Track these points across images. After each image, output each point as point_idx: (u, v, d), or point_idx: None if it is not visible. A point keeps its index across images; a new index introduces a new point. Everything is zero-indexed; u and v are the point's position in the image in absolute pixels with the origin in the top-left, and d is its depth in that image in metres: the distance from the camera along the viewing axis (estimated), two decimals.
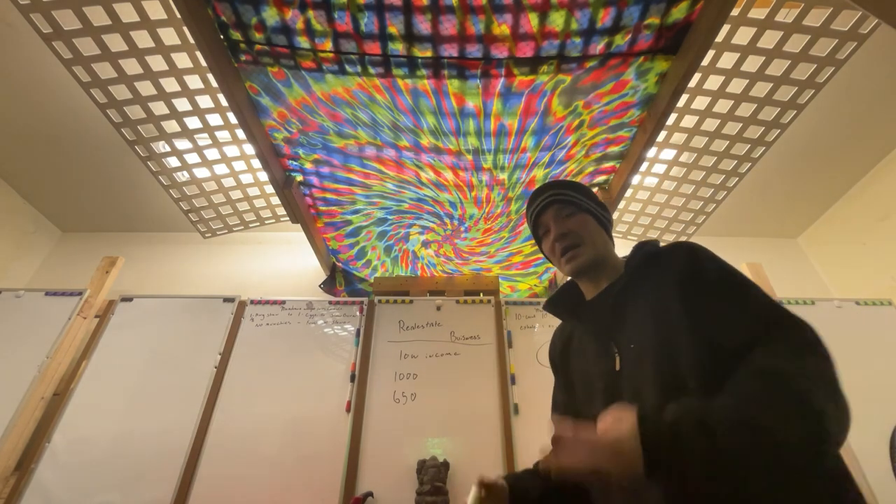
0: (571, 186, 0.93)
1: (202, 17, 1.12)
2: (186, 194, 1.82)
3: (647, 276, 0.77)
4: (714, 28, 1.10)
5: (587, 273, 0.86)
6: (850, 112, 2.08)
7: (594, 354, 0.80)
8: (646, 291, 0.76)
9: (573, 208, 0.89)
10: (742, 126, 1.54)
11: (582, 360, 0.84)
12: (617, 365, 0.74)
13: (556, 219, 0.88)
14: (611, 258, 0.87)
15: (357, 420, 1.69)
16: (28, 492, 1.53)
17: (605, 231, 0.90)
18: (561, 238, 0.86)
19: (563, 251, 0.86)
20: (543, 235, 0.92)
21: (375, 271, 2.26)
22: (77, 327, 1.88)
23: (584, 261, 0.84)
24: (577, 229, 0.86)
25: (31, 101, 1.98)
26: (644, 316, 0.73)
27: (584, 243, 0.85)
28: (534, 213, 0.93)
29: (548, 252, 0.92)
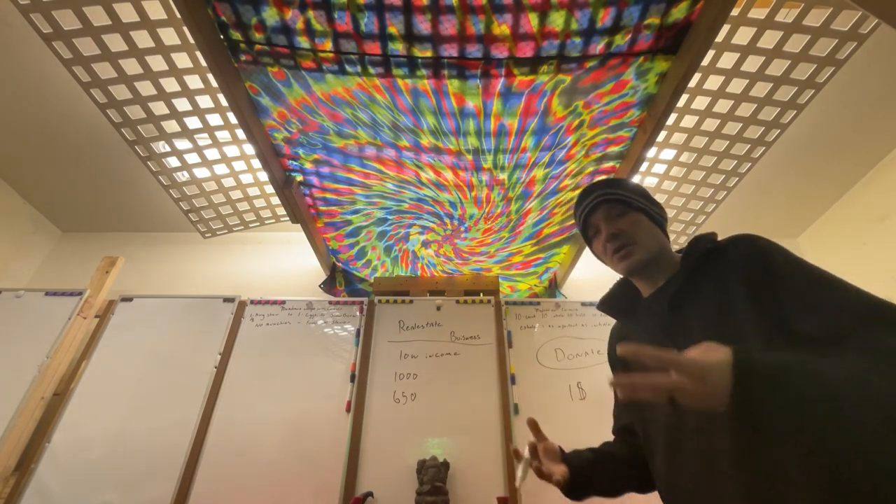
0: (621, 185, 0.90)
1: (202, 17, 1.12)
2: (186, 194, 1.82)
3: (706, 274, 0.74)
4: (714, 28, 1.10)
5: (641, 272, 0.84)
6: (850, 112, 2.08)
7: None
8: (707, 290, 0.72)
9: (623, 207, 0.86)
10: (742, 126, 1.54)
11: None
12: None
13: (606, 219, 0.86)
14: (666, 255, 0.84)
15: (357, 420, 1.69)
16: (28, 492, 1.53)
17: (659, 228, 0.87)
18: (612, 238, 0.84)
19: (614, 251, 0.84)
20: (594, 236, 0.90)
21: (375, 271, 2.26)
22: (77, 327, 1.88)
23: (636, 259, 0.82)
24: (629, 229, 0.83)
25: (31, 101, 1.98)
26: (707, 313, 0.70)
27: (636, 242, 0.82)
28: (582, 213, 0.90)
29: (599, 252, 0.90)
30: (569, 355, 1.86)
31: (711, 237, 0.79)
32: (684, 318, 0.73)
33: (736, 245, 0.74)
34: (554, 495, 0.77)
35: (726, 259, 0.73)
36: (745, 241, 0.74)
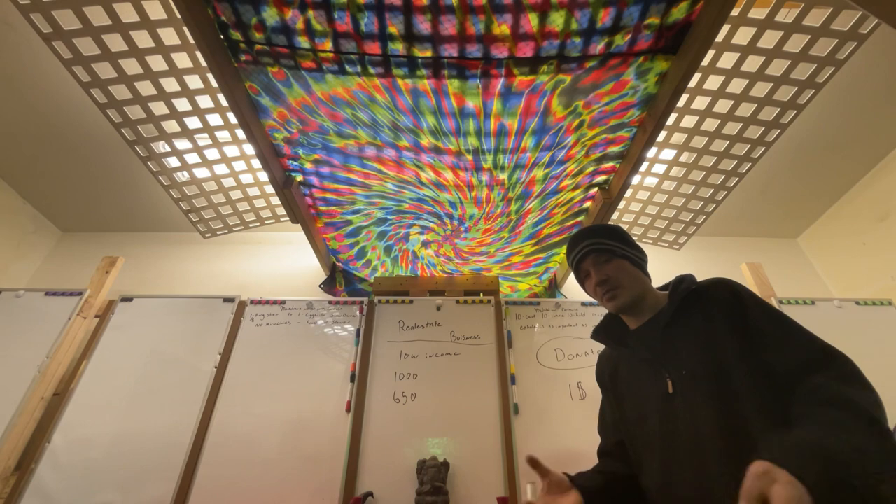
0: (606, 234, 1.03)
1: (202, 17, 1.12)
2: (186, 194, 1.82)
3: (691, 309, 0.88)
4: (714, 28, 1.10)
5: (628, 310, 0.98)
6: (850, 112, 2.08)
7: (646, 379, 0.90)
8: (693, 322, 0.86)
9: (609, 255, 0.99)
10: (742, 126, 1.54)
11: (633, 385, 0.94)
12: (669, 388, 0.83)
13: (595, 266, 1.00)
14: (649, 294, 0.98)
15: (357, 420, 1.69)
16: (28, 492, 1.53)
17: (640, 270, 1.01)
18: (602, 284, 0.98)
19: (603, 294, 0.98)
20: (585, 279, 1.04)
21: (375, 271, 2.26)
22: (77, 327, 1.88)
23: (623, 301, 0.96)
24: (614, 274, 0.97)
25: (31, 101, 1.98)
26: (694, 344, 0.84)
27: (621, 286, 0.96)
28: (574, 260, 1.05)
29: (591, 293, 1.04)
30: (569, 355, 1.86)
31: (692, 279, 0.94)
32: (673, 344, 0.87)
33: (716, 288, 0.89)
34: None
35: (707, 298, 0.88)
36: (724, 285, 0.89)
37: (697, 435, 0.76)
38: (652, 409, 0.86)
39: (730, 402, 0.75)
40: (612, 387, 1.02)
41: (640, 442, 0.88)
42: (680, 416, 0.80)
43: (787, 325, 0.81)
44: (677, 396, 0.81)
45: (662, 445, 0.82)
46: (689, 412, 0.78)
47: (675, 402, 0.81)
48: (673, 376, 0.84)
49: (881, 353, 1.92)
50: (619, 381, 1.00)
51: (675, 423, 0.80)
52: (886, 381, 1.85)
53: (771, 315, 0.83)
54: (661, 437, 0.82)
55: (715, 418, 0.74)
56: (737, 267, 2.27)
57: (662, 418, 0.83)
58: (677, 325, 0.88)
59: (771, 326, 0.81)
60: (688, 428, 0.78)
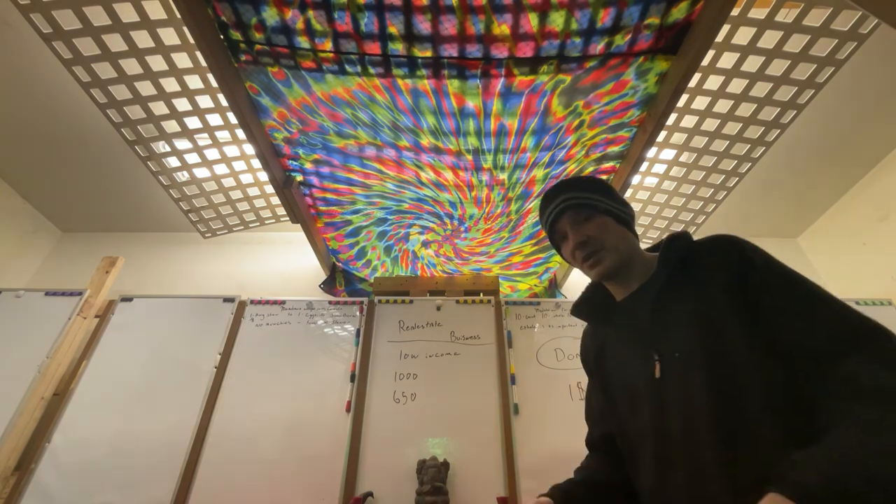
0: (585, 186, 0.86)
1: (202, 17, 1.12)
2: (186, 194, 1.82)
3: (685, 277, 0.71)
4: (714, 28, 1.10)
5: (614, 277, 0.81)
6: (850, 112, 2.08)
7: (632, 361, 0.76)
8: (687, 293, 0.70)
9: (589, 211, 0.82)
10: (742, 126, 1.54)
11: (619, 368, 0.80)
12: (657, 372, 0.69)
13: (572, 225, 0.82)
14: (637, 256, 0.82)
15: (357, 420, 1.69)
16: (28, 492, 1.53)
17: (627, 228, 0.84)
18: (581, 246, 0.80)
19: (584, 259, 0.81)
20: (561, 242, 0.87)
21: (375, 271, 2.26)
22: (77, 327, 1.88)
23: (607, 266, 0.79)
24: (597, 234, 0.80)
25: (31, 101, 1.98)
26: (688, 321, 0.68)
27: (605, 248, 0.79)
28: (548, 220, 0.86)
29: (568, 258, 0.87)
30: (569, 355, 1.86)
31: (688, 238, 0.76)
32: (663, 322, 0.71)
33: (717, 247, 0.72)
34: None
35: (706, 262, 0.71)
36: (727, 243, 0.72)
37: (690, 432, 0.63)
38: (641, 398, 0.72)
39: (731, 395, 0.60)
40: (598, 370, 0.86)
41: (633, 437, 0.75)
42: (670, 408, 0.66)
43: (809, 294, 0.63)
44: (668, 383, 0.67)
45: (655, 442, 0.69)
46: (681, 403, 0.65)
47: (666, 391, 0.67)
48: (663, 359, 0.69)
49: None
50: (605, 364, 0.84)
51: (665, 415, 0.67)
52: None
53: (788, 282, 0.65)
54: (653, 432, 0.69)
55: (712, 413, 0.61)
56: None
57: (652, 409, 0.69)
58: (669, 296, 0.72)
59: (788, 297, 0.63)
60: (679, 423, 0.65)
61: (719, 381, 0.62)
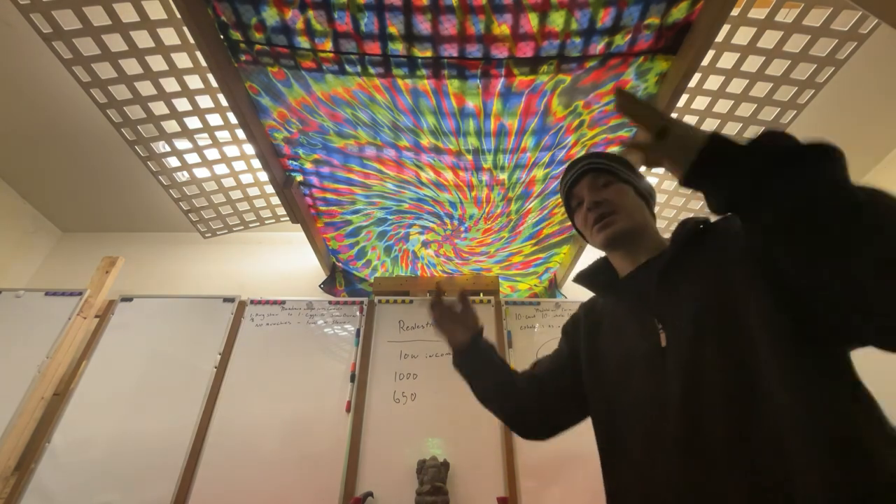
0: (608, 155, 0.84)
1: (202, 17, 1.12)
2: (186, 194, 1.82)
3: (699, 252, 0.67)
4: (714, 28, 1.10)
5: (622, 244, 0.76)
6: (850, 112, 2.08)
7: (633, 331, 0.70)
8: (699, 265, 0.66)
9: (610, 177, 0.79)
10: (742, 126, 1.54)
11: (615, 340, 0.74)
12: (662, 341, 0.64)
13: (590, 188, 0.80)
14: (650, 232, 0.78)
15: (357, 420, 1.69)
16: (28, 492, 1.53)
17: (646, 204, 0.80)
18: (594, 206, 0.77)
19: (595, 220, 0.77)
20: (576, 208, 0.83)
21: (375, 271, 2.26)
22: (77, 327, 1.88)
23: (618, 229, 0.75)
24: (613, 198, 0.77)
25: (31, 100, 1.98)
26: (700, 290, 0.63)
27: (618, 211, 0.75)
28: (567, 184, 0.83)
29: (580, 224, 0.83)
30: None
31: (704, 218, 0.72)
32: (673, 295, 0.66)
33: (731, 220, 0.66)
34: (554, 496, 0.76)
35: (722, 232, 0.67)
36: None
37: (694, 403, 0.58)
38: (638, 368, 0.67)
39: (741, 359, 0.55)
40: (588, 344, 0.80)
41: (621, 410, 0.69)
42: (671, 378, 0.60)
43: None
44: (670, 351, 0.62)
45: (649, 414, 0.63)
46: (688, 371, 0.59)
47: (668, 359, 0.62)
48: (668, 328, 0.64)
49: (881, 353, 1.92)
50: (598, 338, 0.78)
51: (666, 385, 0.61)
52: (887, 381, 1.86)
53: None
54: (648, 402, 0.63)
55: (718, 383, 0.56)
56: None
57: (650, 379, 0.64)
58: (679, 268, 0.67)
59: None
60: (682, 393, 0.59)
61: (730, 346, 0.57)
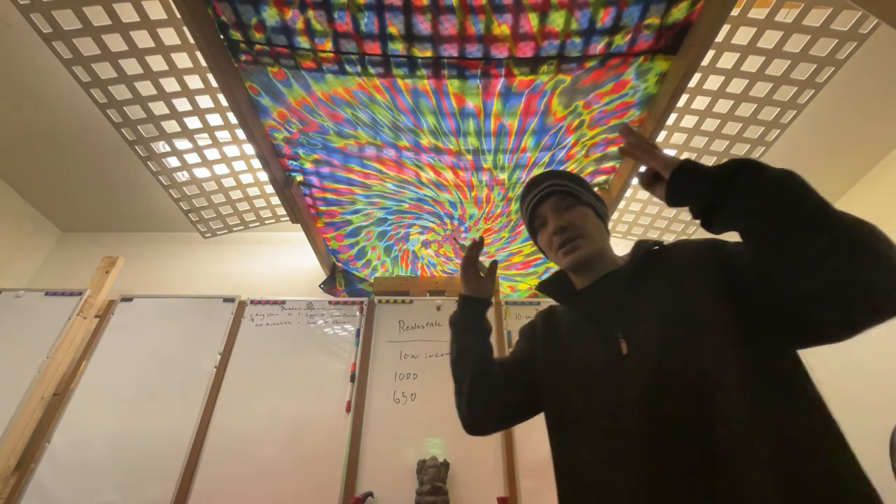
0: (570, 177, 0.89)
1: (202, 17, 1.12)
2: (186, 194, 1.82)
3: (656, 267, 0.74)
4: (714, 28, 1.10)
5: (585, 266, 0.82)
6: (850, 112, 2.08)
7: (592, 339, 0.75)
8: (657, 279, 0.72)
9: (572, 200, 0.85)
10: (742, 126, 1.54)
11: (574, 346, 0.79)
12: (623, 349, 0.69)
13: (554, 210, 0.84)
14: (608, 253, 0.84)
15: (357, 420, 1.69)
16: (28, 492, 1.53)
17: (603, 225, 0.87)
18: (560, 231, 0.82)
19: (560, 244, 0.82)
20: (540, 227, 0.88)
21: (375, 271, 2.26)
22: (77, 327, 1.88)
23: (583, 254, 0.80)
24: (577, 222, 0.82)
25: (31, 101, 1.98)
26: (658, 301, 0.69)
27: (583, 236, 0.81)
28: (530, 203, 0.88)
29: (544, 245, 0.88)
30: None
31: (659, 241, 0.80)
32: (632, 307, 0.72)
33: (690, 240, 0.75)
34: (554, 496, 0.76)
35: (679, 251, 0.74)
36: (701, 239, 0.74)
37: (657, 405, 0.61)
38: (596, 374, 0.71)
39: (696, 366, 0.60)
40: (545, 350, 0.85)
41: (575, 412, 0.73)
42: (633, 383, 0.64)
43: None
44: (630, 359, 0.67)
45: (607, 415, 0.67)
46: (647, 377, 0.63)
47: (628, 366, 0.66)
48: (628, 337, 0.69)
49: (881, 354, 1.92)
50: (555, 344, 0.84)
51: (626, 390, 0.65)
52: (886, 380, 1.87)
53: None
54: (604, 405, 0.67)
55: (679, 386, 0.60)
56: None
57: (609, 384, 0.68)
58: (637, 282, 0.74)
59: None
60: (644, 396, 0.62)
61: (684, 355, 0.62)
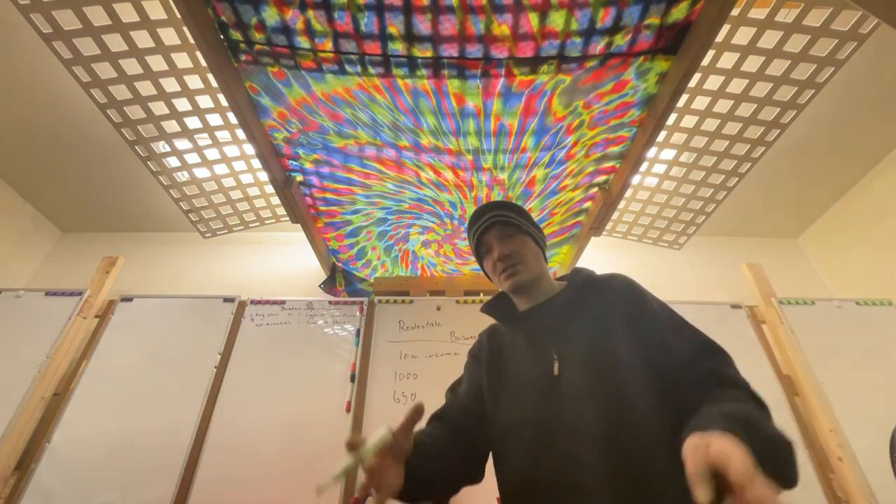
0: (512, 208, 0.99)
1: (202, 17, 1.12)
2: (186, 194, 1.82)
3: (589, 297, 0.86)
4: (714, 28, 1.10)
5: (524, 290, 0.92)
6: (850, 112, 2.08)
7: (530, 359, 0.85)
8: (588, 309, 0.85)
9: (513, 229, 0.95)
10: (742, 126, 1.54)
11: (514, 363, 0.89)
12: (555, 370, 0.80)
13: (498, 239, 0.95)
14: (546, 278, 0.95)
15: (357, 420, 1.69)
16: (28, 492, 1.53)
17: (541, 252, 0.97)
18: (504, 258, 0.92)
19: (503, 270, 0.92)
20: (485, 254, 0.98)
21: (375, 271, 2.26)
22: (77, 327, 1.88)
23: (522, 279, 0.91)
24: (518, 249, 0.93)
25: (31, 101, 1.98)
26: (587, 329, 0.82)
27: (522, 262, 0.91)
28: (476, 231, 0.98)
29: (489, 270, 0.98)
30: None
31: (591, 270, 0.93)
32: (566, 327, 0.84)
33: (615, 279, 0.89)
34: None
35: (608, 289, 0.87)
36: (622, 278, 0.89)
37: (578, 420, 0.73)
38: (530, 392, 0.81)
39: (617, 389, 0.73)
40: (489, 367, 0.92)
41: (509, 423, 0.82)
42: (562, 400, 0.76)
43: (678, 317, 0.83)
44: (562, 379, 0.78)
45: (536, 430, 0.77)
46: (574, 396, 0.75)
47: (560, 385, 0.78)
48: (561, 358, 0.81)
49: (881, 354, 1.92)
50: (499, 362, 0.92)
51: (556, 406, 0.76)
52: (886, 380, 1.87)
53: (664, 307, 0.85)
54: (535, 421, 0.77)
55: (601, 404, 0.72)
56: (737, 267, 2.26)
57: (541, 401, 0.78)
58: (572, 310, 0.86)
59: (665, 315, 0.82)
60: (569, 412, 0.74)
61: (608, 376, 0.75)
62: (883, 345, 1.96)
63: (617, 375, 0.74)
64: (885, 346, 1.96)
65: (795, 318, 2.00)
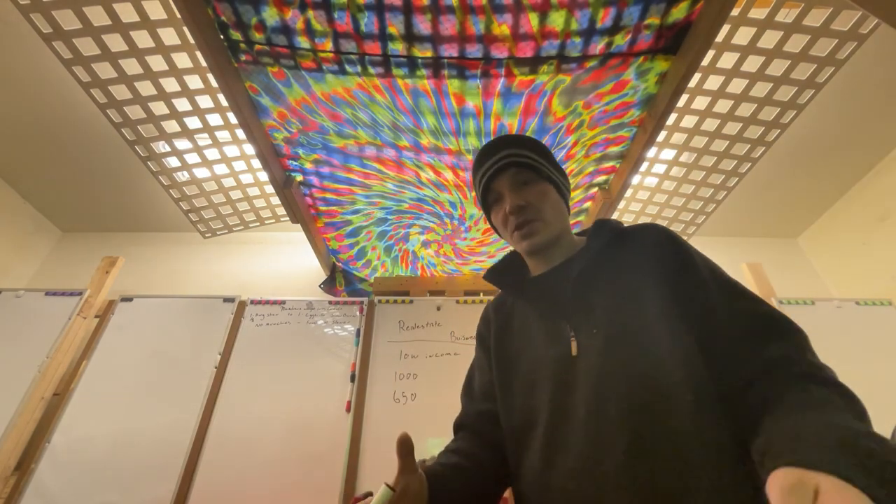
0: (529, 145, 0.79)
1: (202, 17, 1.12)
2: (186, 194, 1.82)
3: (614, 257, 0.69)
4: (714, 28, 1.10)
5: (541, 252, 0.76)
6: (850, 112, 2.08)
7: (543, 337, 0.70)
8: (614, 272, 0.68)
9: (533, 174, 0.76)
10: (742, 126, 1.54)
11: (526, 344, 0.73)
12: (573, 350, 0.64)
13: (512, 186, 0.76)
14: (567, 234, 0.78)
15: (357, 420, 1.69)
16: (28, 492, 1.53)
17: (564, 203, 0.79)
18: (518, 211, 0.73)
19: (517, 226, 0.74)
20: (494, 203, 0.79)
21: (375, 271, 2.26)
22: (77, 327, 1.88)
23: (541, 239, 0.74)
24: (537, 202, 0.74)
25: (31, 101, 1.98)
26: (613, 297, 0.65)
27: (542, 219, 0.74)
28: (484, 176, 0.78)
29: (498, 223, 0.80)
30: None
31: (619, 223, 0.74)
32: (585, 296, 0.68)
33: (648, 231, 0.70)
34: None
35: (636, 245, 0.69)
36: (657, 230, 0.70)
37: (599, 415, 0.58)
38: (545, 376, 0.66)
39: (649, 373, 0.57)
40: (497, 346, 0.78)
41: (524, 417, 0.68)
42: (581, 388, 0.61)
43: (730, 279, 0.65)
44: (581, 360, 0.63)
45: (551, 423, 0.62)
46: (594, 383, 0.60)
47: (578, 369, 0.62)
48: (580, 335, 0.65)
49: (881, 354, 1.92)
50: (507, 340, 0.77)
51: (573, 396, 0.61)
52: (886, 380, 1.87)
53: (713, 266, 0.66)
54: (551, 411, 0.63)
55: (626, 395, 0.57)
56: (737, 267, 2.27)
57: (557, 388, 0.63)
58: (594, 275, 0.68)
59: (713, 276, 0.64)
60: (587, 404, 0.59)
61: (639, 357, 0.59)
62: (883, 345, 1.96)
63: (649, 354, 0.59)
64: (886, 346, 1.96)
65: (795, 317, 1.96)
